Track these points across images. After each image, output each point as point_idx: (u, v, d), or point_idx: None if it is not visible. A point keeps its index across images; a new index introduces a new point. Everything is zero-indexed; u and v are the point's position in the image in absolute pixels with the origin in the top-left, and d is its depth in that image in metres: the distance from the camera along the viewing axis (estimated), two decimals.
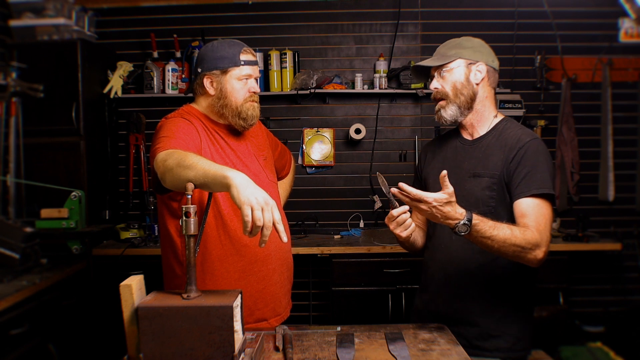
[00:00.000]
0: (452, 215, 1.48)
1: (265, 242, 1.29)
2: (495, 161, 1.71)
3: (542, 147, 1.69)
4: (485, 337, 1.73)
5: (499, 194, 1.69)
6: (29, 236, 2.63)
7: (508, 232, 1.53)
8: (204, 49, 1.81)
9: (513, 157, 1.67)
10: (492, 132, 1.78)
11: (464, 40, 1.79)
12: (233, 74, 1.76)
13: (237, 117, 1.78)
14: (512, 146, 1.69)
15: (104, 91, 3.53)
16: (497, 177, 1.69)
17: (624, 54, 3.69)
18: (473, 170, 1.75)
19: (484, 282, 1.73)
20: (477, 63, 1.75)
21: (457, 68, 1.75)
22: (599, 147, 3.73)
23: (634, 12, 2.88)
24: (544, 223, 1.60)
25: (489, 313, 1.73)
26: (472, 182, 1.73)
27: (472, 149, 1.79)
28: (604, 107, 3.70)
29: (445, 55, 1.77)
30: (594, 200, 3.75)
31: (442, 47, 1.81)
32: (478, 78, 1.75)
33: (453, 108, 1.75)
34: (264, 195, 1.30)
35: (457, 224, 1.48)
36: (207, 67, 1.77)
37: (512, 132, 1.74)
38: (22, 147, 3.18)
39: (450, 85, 1.75)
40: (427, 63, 1.79)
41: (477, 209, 1.68)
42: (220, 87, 1.77)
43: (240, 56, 1.76)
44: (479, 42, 1.80)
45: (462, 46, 1.77)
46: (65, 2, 3.36)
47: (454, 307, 1.77)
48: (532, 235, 1.55)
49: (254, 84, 1.81)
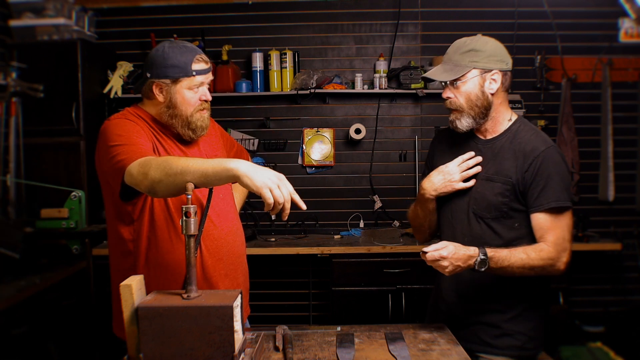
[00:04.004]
0: (469, 254, 1.55)
1: (287, 214, 1.35)
2: (508, 167, 1.69)
3: (557, 156, 1.67)
4: (497, 335, 1.73)
5: (512, 200, 1.69)
6: (29, 236, 2.63)
7: (524, 256, 1.59)
8: (154, 53, 1.68)
9: (529, 166, 1.66)
10: (506, 134, 1.74)
11: (478, 42, 1.69)
12: (184, 84, 1.67)
13: (187, 127, 1.71)
14: (527, 154, 1.67)
15: (104, 91, 3.53)
16: (510, 184, 1.68)
17: (624, 54, 3.69)
18: (486, 173, 1.73)
19: (496, 281, 1.72)
20: (492, 71, 1.67)
21: (472, 79, 1.68)
22: (599, 147, 3.73)
23: (634, 12, 2.87)
24: (562, 236, 1.63)
25: (502, 312, 1.74)
26: (484, 186, 1.72)
27: (485, 148, 1.76)
28: (604, 107, 3.69)
29: (458, 65, 1.68)
30: (594, 200, 3.75)
31: (454, 52, 1.70)
32: (493, 88, 1.69)
33: (468, 120, 1.71)
34: (274, 172, 1.35)
35: (476, 261, 1.55)
36: (156, 74, 1.66)
37: (526, 136, 1.71)
38: (22, 147, 3.18)
39: (464, 96, 1.69)
40: (439, 77, 1.70)
41: (489, 213, 1.70)
42: (170, 96, 1.68)
43: (193, 65, 1.66)
44: (493, 45, 1.70)
45: (476, 51, 1.67)
46: (65, 2, 3.36)
47: (467, 306, 1.77)
48: (547, 252, 1.61)
49: (206, 91, 1.73)
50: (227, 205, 1.83)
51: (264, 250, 3.28)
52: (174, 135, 1.75)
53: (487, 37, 1.72)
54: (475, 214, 1.73)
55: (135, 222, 1.67)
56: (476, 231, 1.71)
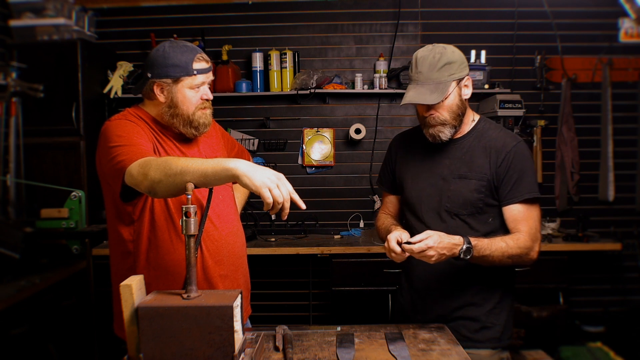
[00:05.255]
0: (454, 242, 1.56)
1: (287, 214, 1.35)
2: (481, 164, 1.73)
3: (527, 150, 1.75)
4: (477, 329, 1.77)
5: (487, 195, 1.73)
6: (29, 236, 2.63)
7: (503, 244, 1.64)
8: (155, 53, 1.69)
9: (502, 161, 1.71)
10: (472, 133, 1.78)
11: (447, 54, 1.68)
12: (185, 83, 1.67)
13: (189, 126, 1.71)
14: (499, 150, 1.72)
15: (104, 91, 3.53)
16: (486, 179, 1.72)
17: (624, 54, 3.69)
18: (458, 172, 1.75)
19: (473, 275, 1.75)
20: (464, 78, 1.71)
21: (452, 91, 1.69)
22: (599, 147, 3.73)
23: (634, 12, 2.88)
24: (535, 226, 1.70)
25: (480, 305, 1.77)
26: (459, 184, 1.74)
27: (452, 148, 1.78)
28: (604, 107, 3.69)
29: (440, 82, 1.66)
30: (594, 200, 3.75)
31: (429, 70, 1.66)
32: (467, 94, 1.74)
33: (451, 130, 1.73)
34: (273, 172, 1.35)
35: (462, 249, 1.57)
36: (157, 74, 1.67)
37: (494, 133, 1.77)
38: (22, 147, 3.18)
39: (448, 110, 1.70)
40: (428, 101, 1.66)
41: (465, 210, 1.74)
42: (171, 96, 1.68)
43: (194, 65, 1.67)
44: (458, 52, 1.71)
45: (450, 64, 1.67)
46: (65, 2, 3.36)
47: (445, 303, 1.79)
48: (524, 241, 1.67)
49: (207, 90, 1.73)
50: (228, 207, 1.83)
51: (264, 250, 3.28)
52: (174, 136, 1.75)
53: (445, 45, 1.71)
54: (449, 211, 1.75)
55: (135, 223, 1.67)
56: (452, 227, 1.73)
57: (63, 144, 3.30)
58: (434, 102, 1.67)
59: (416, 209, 1.83)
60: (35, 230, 3.04)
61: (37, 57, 3.26)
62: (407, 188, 1.87)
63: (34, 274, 2.71)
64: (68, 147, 3.29)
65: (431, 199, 1.79)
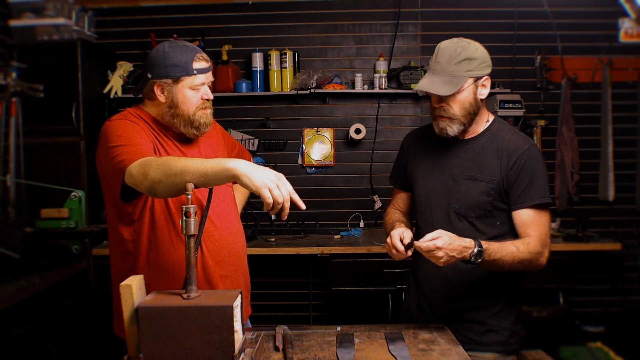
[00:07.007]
0: (464, 245, 1.53)
1: (287, 214, 1.36)
2: (491, 166, 1.71)
3: (539, 154, 1.72)
4: (483, 332, 1.76)
5: (496, 199, 1.70)
6: (29, 236, 2.63)
7: (514, 249, 1.60)
8: (155, 54, 1.69)
9: (513, 165, 1.68)
10: (485, 134, 1.76)
11: (469, 49, 1.65)
12: (185, 83, 1.67)
13: (190, 126, 1.71)
14: (511, 153, 1.69)
15: (104, 91, 3.53)
16: (495, 182, 1.69)
17: (624, 54, 3.69)
18: (468, 173, 1.73)
19: (480, 278, 1.74)
20: (483, 77, 1.68)
21: (467, 88, 1.66)
22: (599, 147, 3.73)
23: (634, 12, 2.88)
24: (545, 232, 1.67)
25: (486, 309, 1.76)
26: (468, 185, 1.72)
27: (464, 148, 1.76)
28: (604, 107, 3.69)
29: (456, 76, 1.64)
30: (594, 200, 3.75)
31: (448, 62, 1.64)
32: (484, 94, 1.70)
33: (460, 126, 1.70)
34: (273, 172, 1.35)
35: (472, 252, 1.53)
36: (157, 74, 1.66)
37: (507, 136, 1.73)
38: (22, 147, 3.18)
39: (459, 105, 1.67)
40: (440, 92, 1.64)
41: (473, 212, 1.71)
42: (171, 96, 1.68)
43: (194, 64, 1.66)
44: (482, 50, 1.68)
45: (470, 60, 1.64)
46: (65, 2, 3.36)
47: (452, 306, 1.78)
48: (534, 246, 1.63)
49: (207, 90, 1.73)
50: (228, 207, 1.83)
51: (264, 250, 3.28)
52: (175, 136, 1.75)
53: (471, 41, 1.69)
54: (458, 212, 1.73)
55: (135, 223, 1.67)
56: (459, 229, 1.70)
57: (63, 144, 3.30)
58: (445, 94, 1.64)
59: (425, 207, 1.82)
60: (35, 230, 3.04)
61: (37, 57, 3.26)
62: (417, 186, 1.85)
63: (34, 274, 2.71)
64: (68, 147, 3.29)
65: (440, 199, 1.77)
